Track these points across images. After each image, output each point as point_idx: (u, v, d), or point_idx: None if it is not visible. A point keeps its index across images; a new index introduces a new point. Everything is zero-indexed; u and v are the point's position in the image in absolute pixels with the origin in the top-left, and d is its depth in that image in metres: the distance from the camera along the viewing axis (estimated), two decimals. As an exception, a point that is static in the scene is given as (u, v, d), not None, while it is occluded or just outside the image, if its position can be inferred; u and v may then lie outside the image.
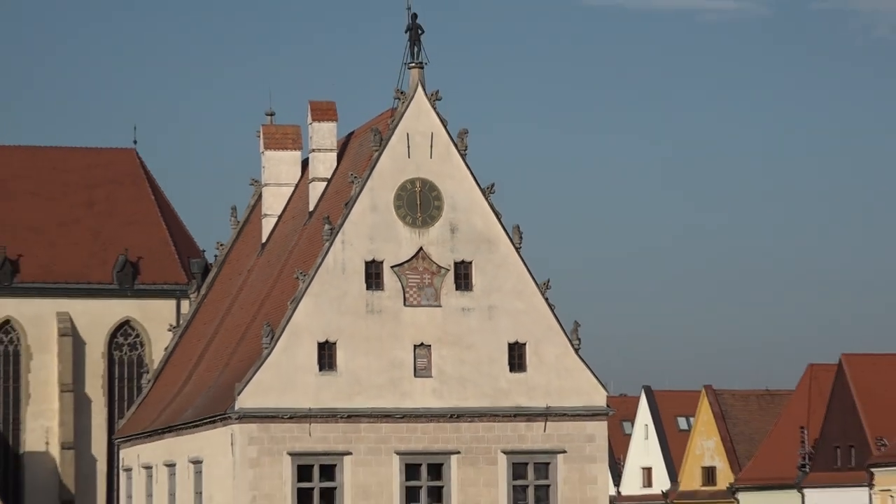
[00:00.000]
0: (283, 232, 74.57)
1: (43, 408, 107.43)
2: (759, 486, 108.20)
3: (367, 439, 63.48)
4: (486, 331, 64.38)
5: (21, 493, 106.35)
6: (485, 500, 64.15)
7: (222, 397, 64.97)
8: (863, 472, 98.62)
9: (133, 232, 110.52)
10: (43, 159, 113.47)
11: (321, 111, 72.90)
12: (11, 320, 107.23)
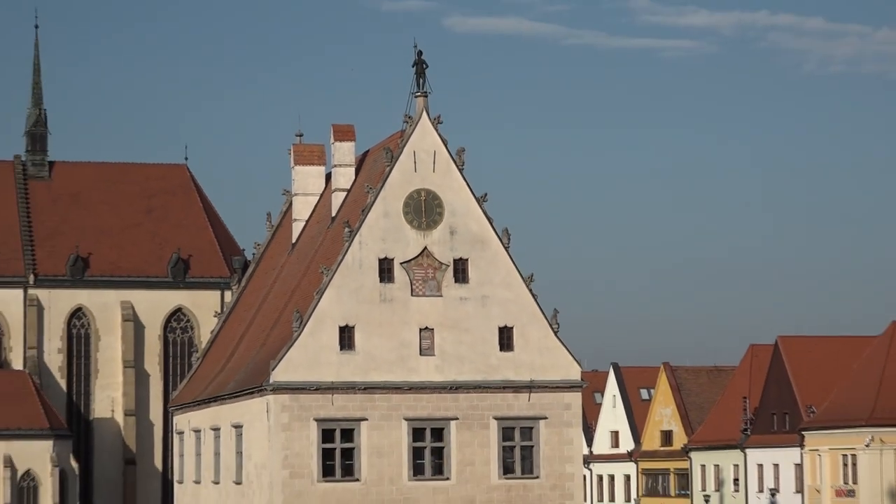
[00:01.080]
0: (309, 234, 74.61)
1: (109, 381, 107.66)
2: (709, 447, 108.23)
3: (380, 407, 63.52)
4: (480, 316, 64.38)
5: (91, 453, 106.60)
6: (479, 459, 64.17)
7: (259, 372, 65.05)
8: (795, 434, 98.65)
9: (184, 234, 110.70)
10: (110, 173, 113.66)
11: (342, 132, 72.96)
12: (83, 308, 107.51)
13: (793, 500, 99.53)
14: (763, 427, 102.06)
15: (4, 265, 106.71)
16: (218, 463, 71.80)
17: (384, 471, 63.43)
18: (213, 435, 72.54)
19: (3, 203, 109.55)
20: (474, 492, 63.99)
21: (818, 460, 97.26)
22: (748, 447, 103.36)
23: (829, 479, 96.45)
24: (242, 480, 67.94)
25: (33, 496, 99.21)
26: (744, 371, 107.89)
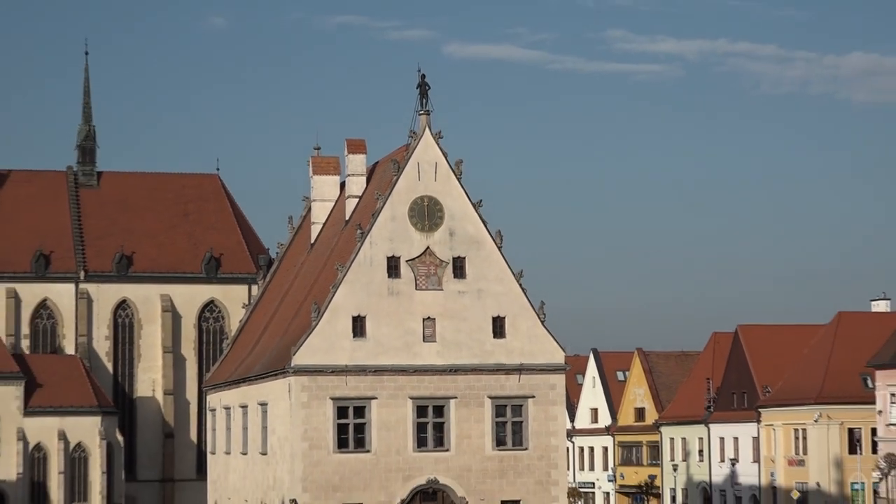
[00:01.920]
0: (326, 235, 74.57)
1: (150, 364, 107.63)
2: (677, 422, 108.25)
3: (388, 387, 63.53)
4: (476, 308, 64.35)
5: (134, 427, 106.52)
6: (475, 433, 64.17)
7: (282, 357, 65.04)
8: (752, 411, 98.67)
9: (216, 235, 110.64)
10: (151, 182, 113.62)
11: (354, 146, 72.91)
12: (127, 300, 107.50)
13: (750, 468, 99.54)
14: (724, 405, 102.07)
15: (58, 263, 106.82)
16: (246, 436, 71.78)
17: (392, 443, 63.44)
18: (241, 412, 72.53)
19: (57, 208, 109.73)
20: (471, 462, 64.00)
21: (773, 434, 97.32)
22: (711, 422, 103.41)
23: (783, 450, 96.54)
24: (267, 451, 67.94)
25: (84, 466, 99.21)
26: (707, 355, 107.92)
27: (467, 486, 63.93)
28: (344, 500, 63.01)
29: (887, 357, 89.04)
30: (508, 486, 64.31)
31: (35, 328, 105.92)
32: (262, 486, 68.87)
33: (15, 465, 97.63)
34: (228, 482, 75.39)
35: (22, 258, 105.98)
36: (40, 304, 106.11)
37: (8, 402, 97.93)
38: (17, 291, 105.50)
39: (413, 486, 63.54)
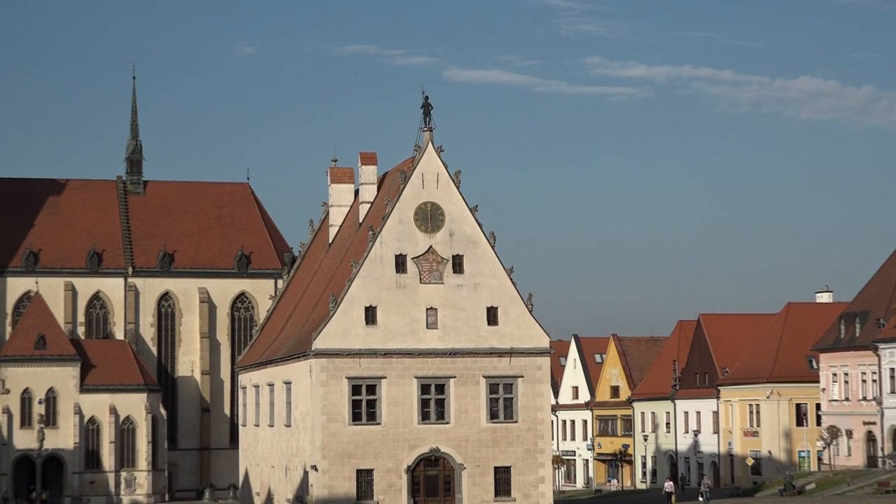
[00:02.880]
0: (342, 236, 74.57)
1: (189, 348, 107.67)
2: (647, 398, 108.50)
3: (396, 368, 63.52)
4: (472, 299, 64.32)
5: (176, 403, 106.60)
6: (471, 408, 64.14)
7: (304, 341, 65.05)
8: (713, 389, 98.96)
9: (246, 236, 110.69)
10: (190, 189, 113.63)
11: (367, 158, 72.97)
12: (169, 292, 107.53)
13: (711, 439, 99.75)
14: (688, 383, 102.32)
15: (109, 260, 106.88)
16: (272, 411, 71.79)
17: (399, 417, 63.41)
18: (268, 389, 72.55)
19: (108, 213, 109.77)
20: (468, 433, 63.97)
21: (730, 408, 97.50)
22: (677, 398, 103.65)
23: (739, 422, 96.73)
24: (291, 424, 67.93)
25: (132, 436, 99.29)
26: (673, 341, 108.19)
27: (465, 453, 63.93)
28: (358, 466, 63.00)
29: (830, 342, 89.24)
30: (501, 453, 64.28)
31: (89, 317, 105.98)
32: (286, 453, 68.92)
33: (72, 435, 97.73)
34: (257, 450, 75.46)
35: (78, 256, 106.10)
36: (94, 296, 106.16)
37: (66, 381, 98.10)
38: (73, 285, 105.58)
39: (418, 454, 63.54)
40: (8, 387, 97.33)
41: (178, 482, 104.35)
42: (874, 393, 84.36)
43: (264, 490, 73.46)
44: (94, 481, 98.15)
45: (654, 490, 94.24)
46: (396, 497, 63.06)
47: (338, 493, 62.73)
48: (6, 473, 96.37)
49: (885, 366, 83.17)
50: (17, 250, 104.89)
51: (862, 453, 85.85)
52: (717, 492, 79.14)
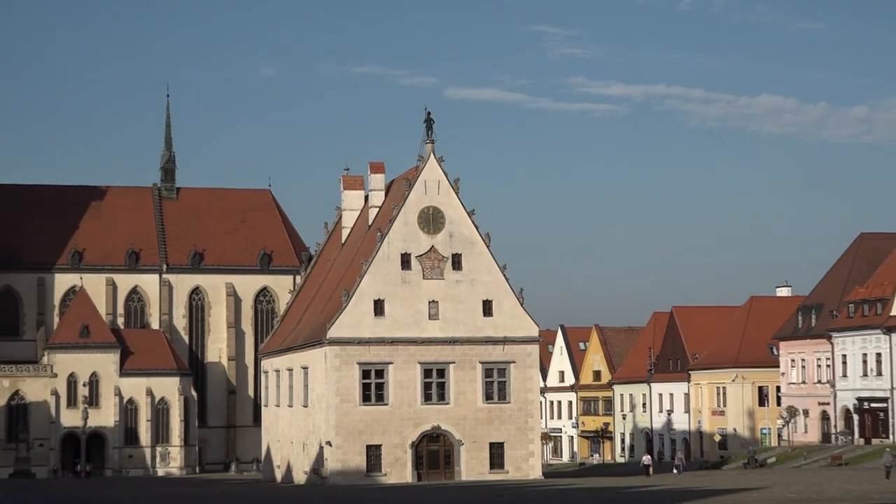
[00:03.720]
0: (353, 237, 74.51)
1: (217, 337, 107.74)
2: (625, 382, 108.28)
3: (402, 355, 63.50)
4: (470, 293, 64.28)
5: (205, 385, 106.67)
6: (469, 390, 64.12)
7: (319, 331, 65.01)
8: (684, 373, 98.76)
9: (268, 237, 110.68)
10: (217, 195, 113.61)
11: (376, 167, 72.82)
12: (199, 287, 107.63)
13: (682, 417, 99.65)
14: (662, 368, 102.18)
15: (146, 258, 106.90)
16: (291, 393, 71.76)
17: (404, 398, 63.40)
18: (288, 374, 72.54)
19: (144, 216, 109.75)
20: (466, 412, 63.96)
21: (700, 390, 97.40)
22: (652, 382, 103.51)
23: (707, 403, 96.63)
24: (308, 404, 67.93)
25: (166, 415, 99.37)
26: (649, 330, 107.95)
27: (463, 431, 63.92)
28: (367, 442, 63.00)
29: (789, 331, 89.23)
30: (495, 431, 64.27)
31: (128, 309, 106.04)
32: (304, 431, 68.92)
33: (112, 414, 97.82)
34: (278, 428, 75.44)
35: (118, 255, 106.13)
36: (132, 290, 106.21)
37: (107, 366, 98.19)
38: (114, 280, 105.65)
39: (421, 431, 63.52)
40: (55, 371, 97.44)
41: (207, 456, 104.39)
42: (828, 377, 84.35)
43: (284, 463, 73.48)
44: (132, 455, 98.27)
45: (632, 463, 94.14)
46: (402, 470, 63.09)
47: (350, 466, 62.76)
48: (54, 448, 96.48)
49: (837, 353, 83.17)
50: (64, 250, 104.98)
51: (817, 431, 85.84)
52: (689, 465, 79.08)
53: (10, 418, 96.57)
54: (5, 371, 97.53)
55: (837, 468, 68.24)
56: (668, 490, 41.31)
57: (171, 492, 56.80)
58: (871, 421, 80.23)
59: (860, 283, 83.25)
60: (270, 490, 59.54)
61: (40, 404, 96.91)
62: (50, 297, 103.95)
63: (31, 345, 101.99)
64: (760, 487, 39.77)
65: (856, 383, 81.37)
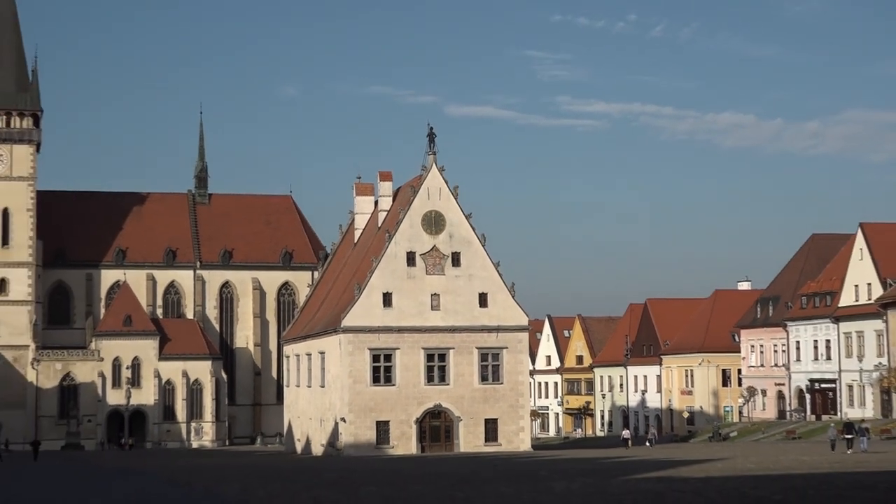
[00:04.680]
0: (365, 237, 74.50)
1: (244, 325, 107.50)
2: (605, 365, 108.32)
3: (408, 341, 63.55)
4: (468, 287, 64.34)
5: (234, 368, 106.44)
6: (466, 372, 64.19)
7: (335, 320, 65.05)
8: (656, 358, 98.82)
9: (289, 237, 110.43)
10: (245, 200, 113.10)
11: (384, 176, 72.91)
12: (229, 281, 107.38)
13: (655, 397, 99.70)
14: (637, 353, 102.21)
15: (182, 256, 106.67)
16: (310, 375, 71.84)
17: (410, 379, 63.47)
18: (307, 358, 72.59)
19: (180, 219, 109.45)
20: (464, 392, 64.03)
21: (670, 373, 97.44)
22: (628, 365, 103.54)
23: (677, 384, 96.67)
24: (325, 385, 68.01)
25: (200, 394, 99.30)
26: (626, 319, 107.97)
27: (461, 408, 63.99)
28: (377, 418, 63.08)
29: (749, 320, 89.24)
30: (489, 408, 64.35)
31: (166, 301, 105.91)
32: (321, 408, 68.96)
33: (152, 394, 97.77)
34: (299, 406, 75.49)
35: (157, 253, 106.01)
36: (169, 284, 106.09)
37: (148, 351, 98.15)
38: (153, 276, 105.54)
39: (424, 408, 63.61)
40: (102, 356, 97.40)
41: (235, 431, 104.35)
42: (783, 361, 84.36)
43: (304, 437, 73.52)
44: (169, 430, 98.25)
45: (610, 437, 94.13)
46: (407, 443, 63.15)
47: (361, 439, 62.81)
48: (101, 424, 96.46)
49: (791, 340, 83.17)
50: (109, 249, 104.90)
51: (774, 408, 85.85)
52: (661, 438, 79.06)
53: (63, 397, 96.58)
54: (58, 356, 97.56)
55: (791, 441, 68.24)
56: (643, 460, 41.35)
57: (205, 462, 56.81)
58: (821, 400, 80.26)
59: (812, 278, 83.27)
60: (292, 461, 59.55)
61: (89, 385, 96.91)
62: (97, 290, 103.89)
63: (80, 332, 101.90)
64: (724, 458, 39.78)
65: (808, 367, 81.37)
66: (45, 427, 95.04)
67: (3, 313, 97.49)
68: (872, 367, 73.74)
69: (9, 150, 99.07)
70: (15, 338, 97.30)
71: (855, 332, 76.46)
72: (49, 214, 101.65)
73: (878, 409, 73.80)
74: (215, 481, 32.50)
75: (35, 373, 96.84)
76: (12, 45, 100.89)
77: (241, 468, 45.43)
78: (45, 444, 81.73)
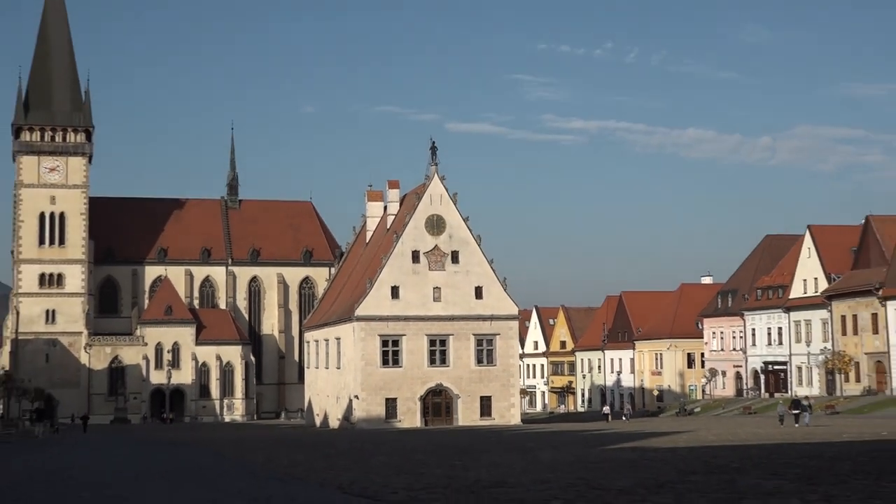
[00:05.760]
0: (375, 238, 74.48)
1: (270, 314, 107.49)
2: (585, 349, 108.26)
3: (413, 329, 63.57)
4: (465, 281, 64.36)
5: (261, 352, 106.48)
6: (464, 356, 64.20)
7: (349, 310, 65.05)
8: (630, 343, 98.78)
9: (310, 238, 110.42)
10: (271, 205, 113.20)
11: (392, 184, 72.99)
12: (257, 276, 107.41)
13: (629, 377, 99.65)
14: (613, 339, 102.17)
15: (215, 254, 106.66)
16: (328, 357, 71.84)
17: (414, 362, 63.50)
18: (325, 343, 72.59)
19: (214, 222, 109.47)
20: (462, 373, 64.05)
21: (642, 356, 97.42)
22: (606, 349, 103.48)
23: (648, 366, 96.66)
24: (340, 367, 68.00)
25: (231, 375, 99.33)
26: (603, 309, 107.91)
27: (460, 387, 64.01)
28: (386, 395, 63.12)
29: (711, 310, 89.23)
30: (484, 387, 64.38)
31: (202, 293, 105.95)
32: (337, 387, 68.98)
33: (190, 374, 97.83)
34: (317, 385, 75.52)
35: (194, 251, 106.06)
36: (205, 279, 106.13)
37: (186, 337, 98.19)
38: (191, 271, 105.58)
39: (427, 387, 63.65)
40: (146, 341, 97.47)
41: (262, 406, 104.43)
42: (741, 346, 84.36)
43: (322, 412, 73.56)
44: (205, 406, 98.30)
45: (590, 412, 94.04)
46: (413, 417, 63.19)
47: (372, 414, 62.85)
48: (145, 400, 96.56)
49: (748, 327, 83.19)
50: (152, 248, 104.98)
51: (732, 387, 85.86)
52: (635, 413, 79.01)
53: (111, 377, 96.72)
54: (108, 341, 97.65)
55: (748, 416, 68.24)
56: (619, 432, 41.37)
57: (235, 434, 56.81)
58: (773, 380, 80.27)
59: (766, 273, 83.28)
60: (311, 433, 59.53)
61: (134, 367, 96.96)
62: (141, 284, 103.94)
63: (127, 321, 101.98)
64: (689, 431, 39.80)
65: (762, 350, 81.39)
66: (96, 403, 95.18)
67: (60, 304, 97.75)
68: (818, 351, 73.85)
69: (65, 162, 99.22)
70: (70, 325, 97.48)
71: (803, 321, 76.52)
72: (99, 218, 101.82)
73: (823, 388, 73.91)
74: (245, 450, 32.53)
75: (87, 356, 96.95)
76: (68, 69, 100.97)
77: (267, 439, 45.44)
78: (96, 419, 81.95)
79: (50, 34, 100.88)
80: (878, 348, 68.84)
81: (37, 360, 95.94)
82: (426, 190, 64.73)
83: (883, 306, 68.13)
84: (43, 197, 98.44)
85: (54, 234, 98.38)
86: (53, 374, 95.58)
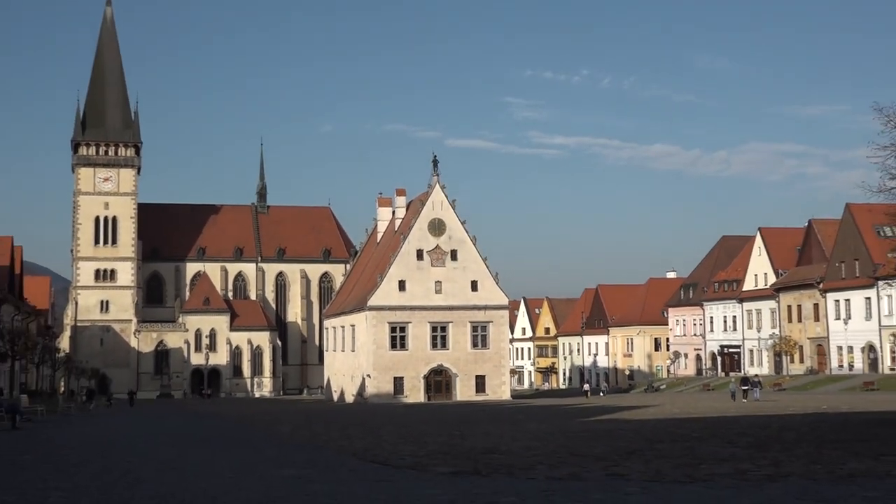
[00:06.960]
0: (385, 239, 74.35)
1: (294, 304, 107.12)
2: (566, 335, 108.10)
3: (417, 317, 63.55)
4: (462, 276, 64.30)
5: (286, 337, 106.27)
6: (462, 340, 64.13)
7: (363, 301, 65.01)
8: (605, 329, 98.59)
9: (328, 239, 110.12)
10: (295, 211, 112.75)
11: (399, 192, 73.04)
12: (283, 272, 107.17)
13: (604, 358, 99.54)
14: (591, 326, 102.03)
15: (247, 253, 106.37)
16: (344, 342, 71.79)
17: (419, 346, 63.47)
18: (342, 329, 72.53)
19: (245, 225, 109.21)
20: (460, 355, 64.01)
21: (615, 341, 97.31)
22: (584, 335, 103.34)
23: (621, 349, 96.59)
24: (355, 350, 67.94)
25: (260, 357, 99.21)
26: (582, 300, 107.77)
27: (458, 367, 64.00)
28: (394, 374, 63.11)
29: (675, 301, 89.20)
30: (479, 367, 64.36)
31: (235, 287, 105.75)
32: (352, 367, 68.95)
33: (225, 356, 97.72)
34: (335, 365, 75.47)
35: (228, 250, 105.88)
36: (237, 274, 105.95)
37: (221, 324, 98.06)
38: (226, 268, 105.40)
39: (430, 367, 63.64)
40: (187, 327, 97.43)
41: (287, 384, 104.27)
42: (701, 332, 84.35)
43: (339, 389, 73.54)
44: (238, 383, 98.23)
45: (571, 389, 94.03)
46: (417, 393, 63.19)
47: (382, 391, 62.86)
48: (186, 378, 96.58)
49: (707, 315, 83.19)
50: (192, 247, 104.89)
51: (693, 367, 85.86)
52: (609, 390, 78.98)
53: (157, 359, 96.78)
54: (155, 328, 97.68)
55: (707, 392, 68.20)
56: (596, 406, 41.42)
57: (264, 408, 56.83)
58: (728, 361, 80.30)
59: (722, 269, 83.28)
60: (330, 407, 59.57)
61: (177, 349, 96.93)
62: (183, 278, 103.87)
63: (170, 310, 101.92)
64: (656, 405, 39.83)
65: (719, 336, 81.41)
66: (143, 381, 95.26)
67: (113, 296, 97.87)
68: (767, 336, 73.97)
69: (116, 173, 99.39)
70: (121, 314, 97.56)
71: (755, 310, 76.58)
72: (147, 221, 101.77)
73: (772, 368, 74.01)
74: (272, 422, 32.57)
75: (136, 340, 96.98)
76: (120, 92, 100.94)
77: (292, 412, 45.44)
78: (142, 395, 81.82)
79: (104, 61, 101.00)
80: (819, 334, 69.01)
81: (93, 344, 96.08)
82: (429, 197, 64.71)
83: (823, 298, 68.32)
84: (98, 203, 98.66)
85: (108, 235, 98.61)
86: (107, 356, 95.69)
